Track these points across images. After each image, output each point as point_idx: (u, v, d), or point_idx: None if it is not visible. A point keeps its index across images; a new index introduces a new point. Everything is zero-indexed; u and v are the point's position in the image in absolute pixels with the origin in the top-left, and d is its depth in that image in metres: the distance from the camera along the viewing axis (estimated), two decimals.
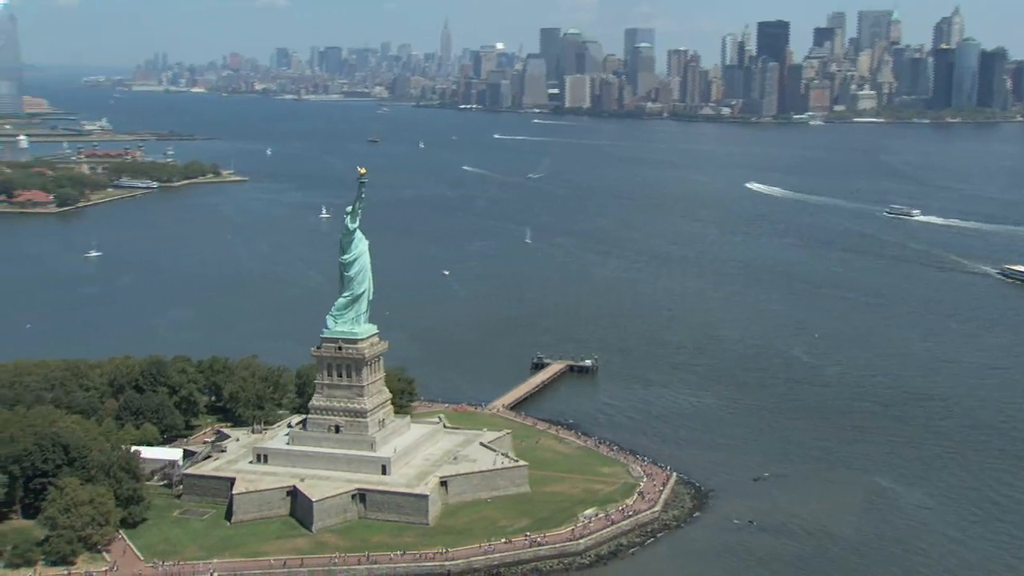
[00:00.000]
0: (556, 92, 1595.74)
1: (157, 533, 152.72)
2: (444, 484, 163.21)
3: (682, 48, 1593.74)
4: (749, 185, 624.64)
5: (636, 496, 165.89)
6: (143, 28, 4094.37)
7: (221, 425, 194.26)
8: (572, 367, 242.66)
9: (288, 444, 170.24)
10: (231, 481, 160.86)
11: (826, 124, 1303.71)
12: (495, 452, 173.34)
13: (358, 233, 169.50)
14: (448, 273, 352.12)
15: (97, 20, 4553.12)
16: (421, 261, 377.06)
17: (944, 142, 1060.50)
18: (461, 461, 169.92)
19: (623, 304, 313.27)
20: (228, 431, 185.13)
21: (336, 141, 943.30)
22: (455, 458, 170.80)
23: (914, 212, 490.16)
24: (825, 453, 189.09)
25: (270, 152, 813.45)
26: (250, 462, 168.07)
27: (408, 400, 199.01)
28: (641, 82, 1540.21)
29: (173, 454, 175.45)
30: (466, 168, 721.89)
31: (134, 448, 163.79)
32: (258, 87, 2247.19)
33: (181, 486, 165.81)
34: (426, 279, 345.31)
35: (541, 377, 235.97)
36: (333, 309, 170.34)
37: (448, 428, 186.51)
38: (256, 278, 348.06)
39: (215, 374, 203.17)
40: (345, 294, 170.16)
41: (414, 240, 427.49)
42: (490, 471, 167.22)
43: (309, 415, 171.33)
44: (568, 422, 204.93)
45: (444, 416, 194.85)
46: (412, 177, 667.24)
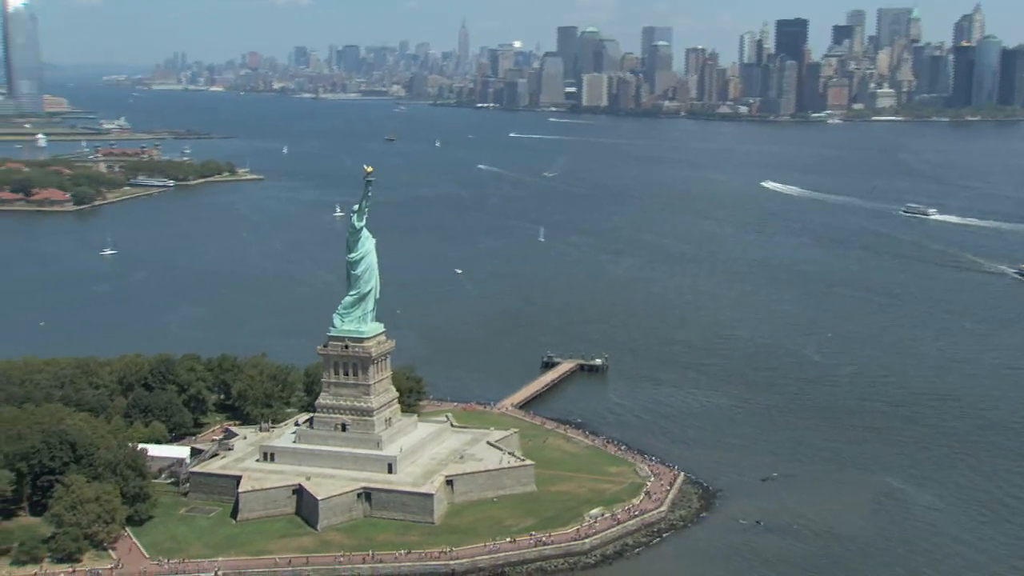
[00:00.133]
0: (573, 91, 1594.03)
1: (163, 531, 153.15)
2: (450, 483, 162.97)
3: (700, 46, 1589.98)
4: (765, 184, 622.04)
5: (643, 496, 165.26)
6: (163, 27, 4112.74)
7: (229, 423, 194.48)
8: (582, 366, 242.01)
9: (295, 442, 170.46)
10: (237, 479, 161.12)
11: (844, 123, 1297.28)
12: (502, 451, 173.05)
13: (365, 231, 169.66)
14: (460, 272, 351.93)
15: (118, 19, 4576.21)
16: (434, 260, 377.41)
17: (963, 140, 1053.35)
18: (467, 460, 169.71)
19: (635, 303, 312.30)
20: (236, 429, 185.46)
21: (353, 140, 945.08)
22: (461, 457, 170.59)
23: (931, 211, 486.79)
24: (835, 453, 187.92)
25: (286, 150, 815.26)
26: (257, 460, 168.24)
27: (416, 399, 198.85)
28: (658, 80, 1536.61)
29: (180, 452, 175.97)
30: (481, 167, 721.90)
31: (141, 446, 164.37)
32: (276, 86, 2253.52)
33: (188, 484, 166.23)
34: (438, 278, 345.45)
35: (551, 376, 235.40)
36: (340, 307, 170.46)
37: (455, 427, 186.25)
38: (269, 276, 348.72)
39: (224, 372, 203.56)
40: (352, 292, 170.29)
41: (427, 239, 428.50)
42: (496, 470, 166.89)
43: (316, 413, 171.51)
44: (576, 421, 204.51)
45: (452, 415, 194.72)
46: (428, 176, 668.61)
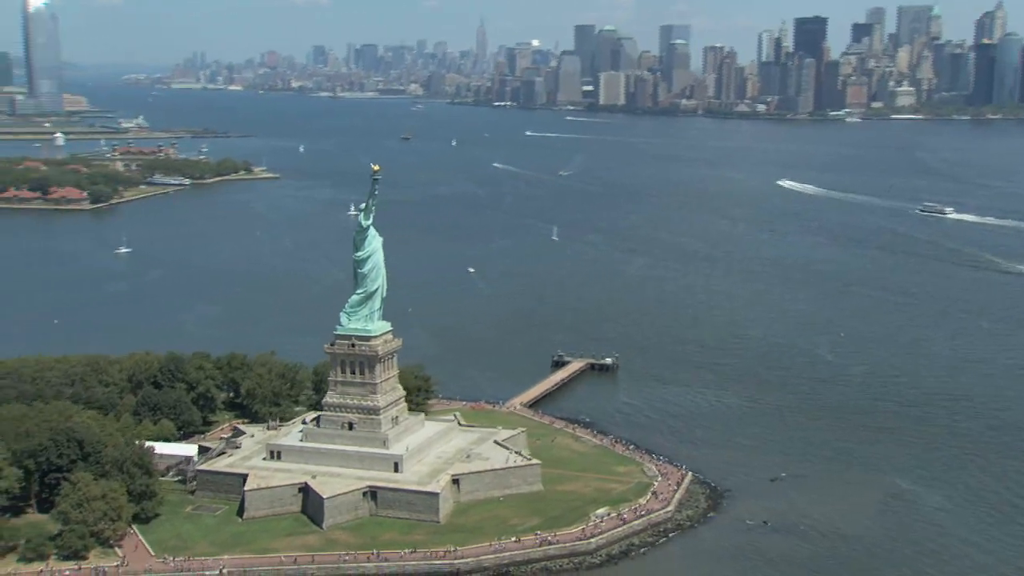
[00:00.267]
0: (590, 89, 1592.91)
1: (169, 529, 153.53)
2: (456, 482, 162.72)
3: (718, 45, 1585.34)
4: (781, 182, 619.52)
5: (649, 496, 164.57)
6: (183, 27, 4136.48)
7: (238, 421, 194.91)
8: (592, 365, 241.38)
9: (302, 441, 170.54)
10: (244, 477, 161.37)
11: (863, 121, 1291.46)
12: (508, 450, 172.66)
13: (372, 230, 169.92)
14: (473, 271, 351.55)
15: (138, 19, 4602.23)
16: (447, 258, 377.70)
17: (984, 139, 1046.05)
18: (474, 459, 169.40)
19: (647, 302, 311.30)
20: (244, 427, 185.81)
21: (370, 138, 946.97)
22: (468, 456, 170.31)
23: (948, 210, 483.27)
24: (845, 454, 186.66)
25: (303, 149, 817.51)
26: (264, 459, 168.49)
27: (424, 398, 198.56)
28: (676, 79, 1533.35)
29: (188, 450, 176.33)
30: (497, 165, 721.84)
31: (148, 444, 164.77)
32: (294, 84, 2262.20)
33: (195, 482, 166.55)
34: (451, 277, 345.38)
35: (561, 375, 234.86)
36: (347, 306, 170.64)
37: (463, 426, 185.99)
38: (282, 275, 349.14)
39: (233, 370, 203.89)
40: (359, 291, 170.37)
41: (441, 237, 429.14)
42: (502, 469, 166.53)
43: (323, 412, 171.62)
44: (585, 420, 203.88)
45: (460, 414, 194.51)
46: (443, 174, 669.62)
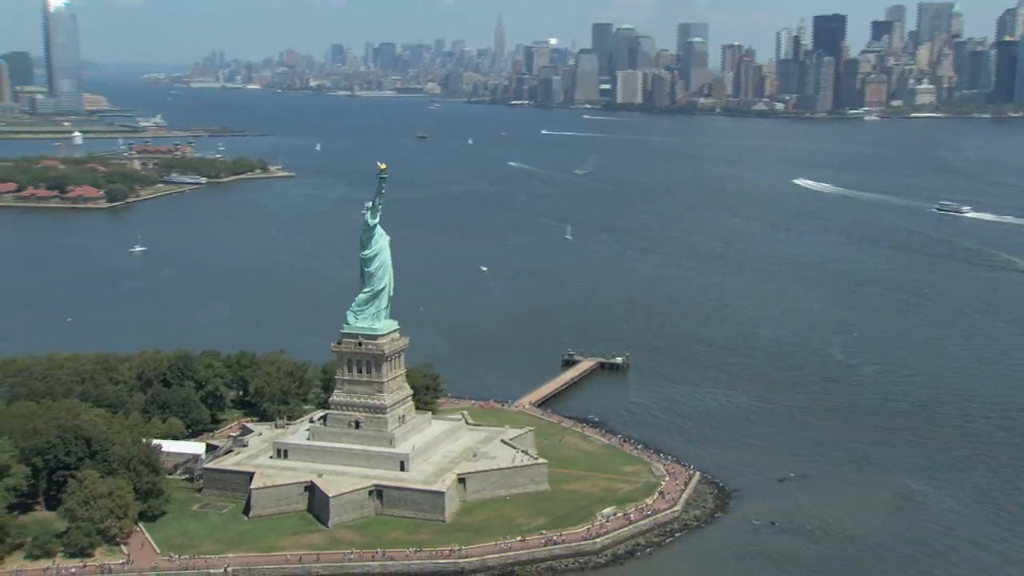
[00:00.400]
0: (608, 88, 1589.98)
1: (175, 527, 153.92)
2: (462, 481, 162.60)
3: (736, 43, 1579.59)
4: (797, 181, 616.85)
5: (656, 495, 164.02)
6: (202, 26, 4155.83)
7: (247, 420, 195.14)
8: (603, 364, 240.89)
9: (308, 439, 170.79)
10: (250, 476, 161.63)
11: (881, 119, 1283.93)
12: (515, 450, 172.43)
13: (379, 228, 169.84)
14: (486, 269, 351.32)
15: (158, 18, 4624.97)
16: (460, 257, 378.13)
17: (1004, 137, 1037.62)
18: (480, 458, 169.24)
19: (659, 301, 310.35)
20: (252, 426, 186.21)
21: (387, 136, 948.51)
22: (474, 455, 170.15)
23: (964, 209, 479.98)
24: (855, 454, 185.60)
25: (319, 148, 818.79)
26: (270, 457, 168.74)
27: (432, 396, 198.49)
28: (694, 77, 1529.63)
29: (196, 448, 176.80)
30: (512, 164, 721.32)
31: (155, 442, 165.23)
32: (312, 83, 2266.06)
33: (202, 480, 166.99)
34: (463, 275, 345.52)
35: (571, 374, 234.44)
36: (354, 305, 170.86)
37: (470, 425, 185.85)
38: (295, 273, 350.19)
39: (242, 369, 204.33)
40: (365, 290, 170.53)
41: (455, 236, 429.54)
42: (509, 468, 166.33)
43: (329, 410, 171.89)
44: (593, 420, 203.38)
45: (467, 413, 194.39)
46: (459, 173, 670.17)
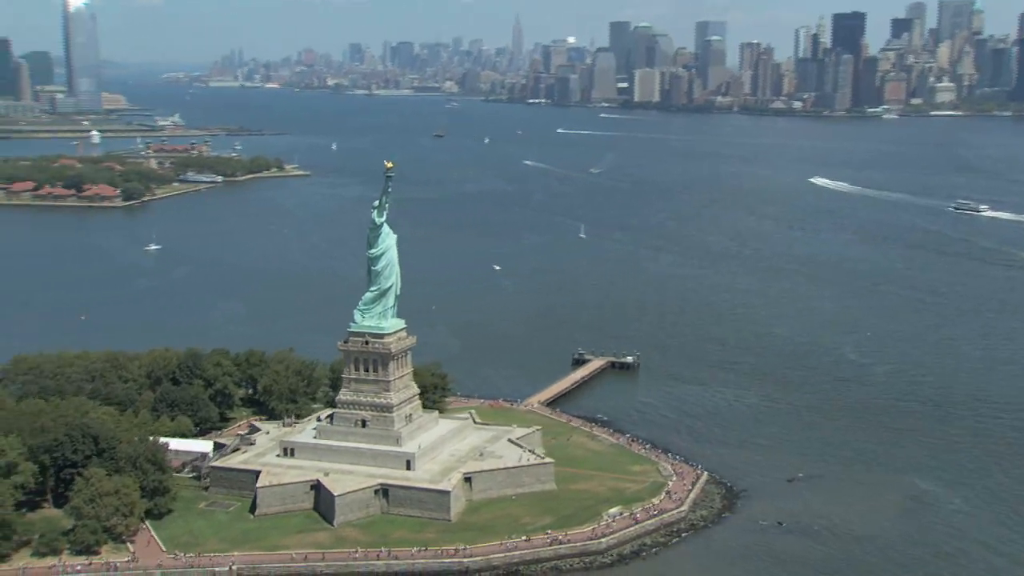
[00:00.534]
0: (625, 86, 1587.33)
1: (182, 525, 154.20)
2: (468, 480, 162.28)
3: (755, 41, 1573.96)
4: (814, 180, 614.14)
5: (663, 495, 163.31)
6: (221, 25, 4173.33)
7: (255, 418, 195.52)
8: (613, 363, 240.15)
9: (315, 438, 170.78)
10: (257, 474, 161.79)
11: (901, 118, 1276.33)
12: (522, 449, 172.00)
13: (385, 227, 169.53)
14: (499, 268, 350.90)
15: (177, 18, 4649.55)
16: (473, 255, 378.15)
17: None
18: (487, 457, 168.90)
19: (671, 300, 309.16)
20: (260, 424, 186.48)
21: (404, 135, 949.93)
22: (481, 454, 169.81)
23: (982, 208, 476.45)
24: (865, 454, 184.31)
25: (335, 147, 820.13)
26: (277, 455, 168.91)
27: (441, 395, 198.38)
28: (712, 76, 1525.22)
29: (203, 446, 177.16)
30: (527, 162, 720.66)
31: (162, 440, 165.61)
32: (330, 82, 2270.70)
33: (209, 478, 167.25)
34: (476, 274, 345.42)
35: (581, 373, 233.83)
36: (360, 303, 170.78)
37: (478, 424, 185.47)
38: (307, 272, 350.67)
39: (251, 367, 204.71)
40: (372, 288, 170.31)
41: (469, 234, 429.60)
42: (515, 468, 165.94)
43: (336, 409, 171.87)
44: (602, 419, 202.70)
45: (475, 412, 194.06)
46: (474, 171, 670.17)
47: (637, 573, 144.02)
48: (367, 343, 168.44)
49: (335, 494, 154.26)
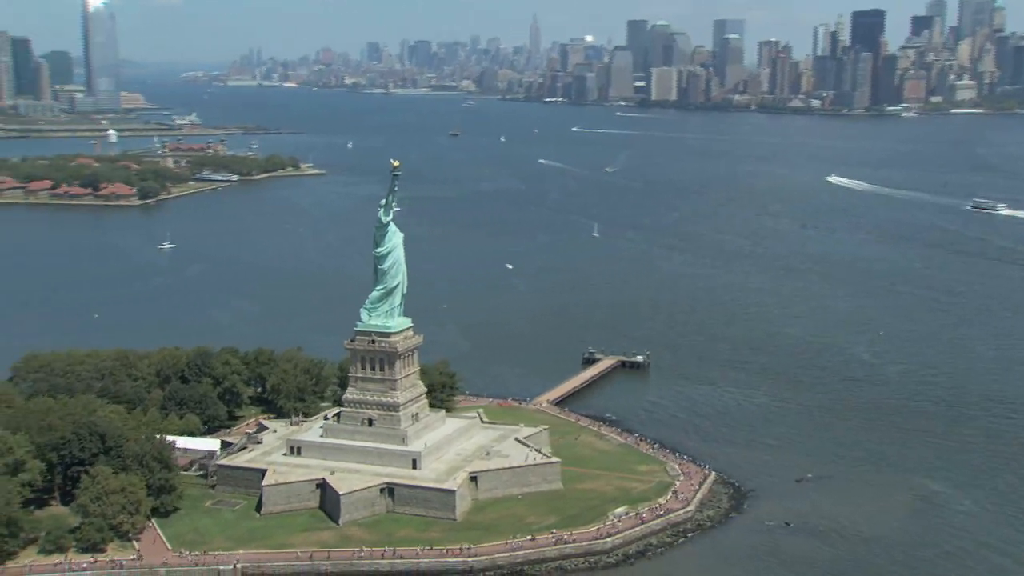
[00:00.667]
0: (642, 85, 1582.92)
1: (188, 523, 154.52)
2: (474, 480, 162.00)
3: (773, 39, 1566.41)
4: (830, 179, 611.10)
5: (670, 495, 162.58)
6: (239, 25, 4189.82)
7: (264, 417, 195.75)
8: (623, 363, 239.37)
9: (322, 437, 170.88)
10: (263, 473, 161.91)
11: (920, 116, 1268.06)
12: (529, 448, 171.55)
13: (392, 226, 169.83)
14: (511, 267, 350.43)
15: (196, 17, 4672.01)
16: (486, 254, 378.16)
17: None
18: (493, 457, 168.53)
19: (683, 299, 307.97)
20: (268, 423, 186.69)
21: (421, 134, 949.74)
22: (487, 453, 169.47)
23: (999, 206, 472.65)
24: (875, 455, 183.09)
25: (351, 145, 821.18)
26: (284, 454, 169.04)
27: (449, 394, 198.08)
28: (729, 74, 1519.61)
29: (211, 445, 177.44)
30: (542, 161, 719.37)
31: (169, 438, 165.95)
32: (348, 81, 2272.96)
33: (215, 477, 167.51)
34: (488, 273, 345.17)
35: (591, 372, 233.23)
36: (367, 302, 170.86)
37: (485, 423, 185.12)
38: (320, 271, 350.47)
39: (260, 366, 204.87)
40: (379, 287, 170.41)
41: (482, 233, 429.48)
42: (521, 467, 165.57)
43: (343, 408, 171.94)
44: (610, 418, 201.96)
45: (483, 411, 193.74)
46: (489, 170, 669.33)
47: (642, 573, 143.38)
48: (373, 342, 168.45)
49: (340, 493, 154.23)
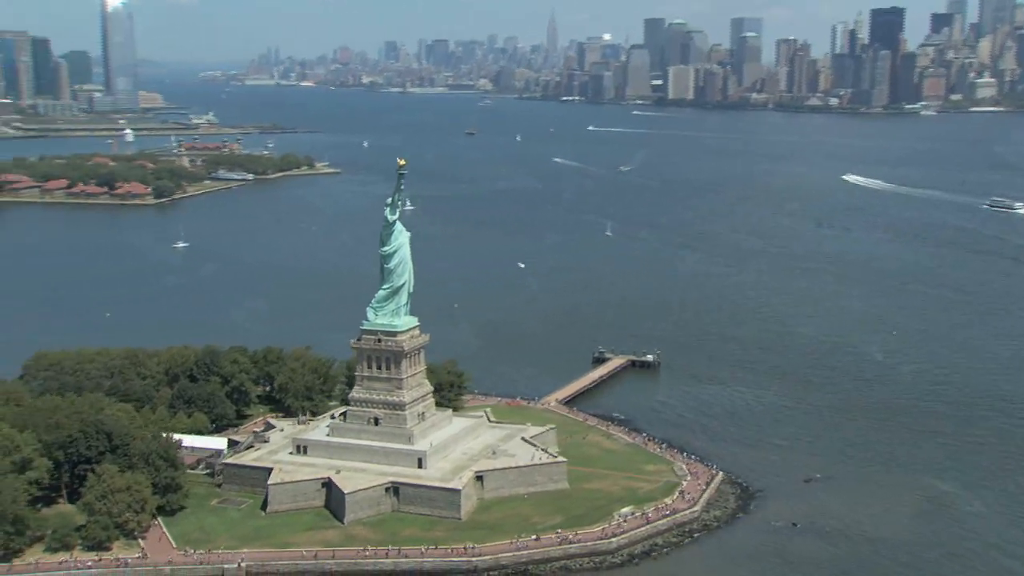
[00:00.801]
0: (659, 83, 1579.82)
1: (193, 521, 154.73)
2: (480, 479, 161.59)
3: (791, 37, 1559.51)
4: (846, 177, 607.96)
5: (676, 495, 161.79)
6: (257, 24, 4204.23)
7: (272, 415, 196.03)
8: (634, 362, 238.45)
9: (328, 436, 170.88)
10: (269, 471, 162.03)
11: (939, 114, 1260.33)
12: (535, 447, 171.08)
13: (398, 225, 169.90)
14: (524, 266, 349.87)
15: (214, 17, 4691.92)
16: (499, 253, 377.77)
17: None
18: (499, 456, 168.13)
19: (695, 299, 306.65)
20: (275, 422, 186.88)
21: (436, 133, 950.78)
22: (493, 453, 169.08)
23: (1017, 205, 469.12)
24: (884, 455, 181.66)
25: (367, 144, 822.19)
26: (290, 453, 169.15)
27: (457, 393, 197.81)
28: (747, 72, 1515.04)
29: (218, 443, 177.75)
30: (557, 160, 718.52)
31: (176, 437, 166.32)
32: (365, 80, 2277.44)
33: (222, 475, 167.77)
34: (501, 272, 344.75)
35: (600, 372, 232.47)
36: (373, 301, 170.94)
37: (492, 422, 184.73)
38: (333, 270, 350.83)
39: (268, 364, 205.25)
40: (385, 286, 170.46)
41: (496, 232, 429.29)
42: (527, 467, 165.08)
43: (349, 407, 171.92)
44: (619, 418, 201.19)
45: (491, 410, 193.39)
46: (504, 169, 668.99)
47: (647, 573, 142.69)
48: (379, 341, 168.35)
49: (345, 492, 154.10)
